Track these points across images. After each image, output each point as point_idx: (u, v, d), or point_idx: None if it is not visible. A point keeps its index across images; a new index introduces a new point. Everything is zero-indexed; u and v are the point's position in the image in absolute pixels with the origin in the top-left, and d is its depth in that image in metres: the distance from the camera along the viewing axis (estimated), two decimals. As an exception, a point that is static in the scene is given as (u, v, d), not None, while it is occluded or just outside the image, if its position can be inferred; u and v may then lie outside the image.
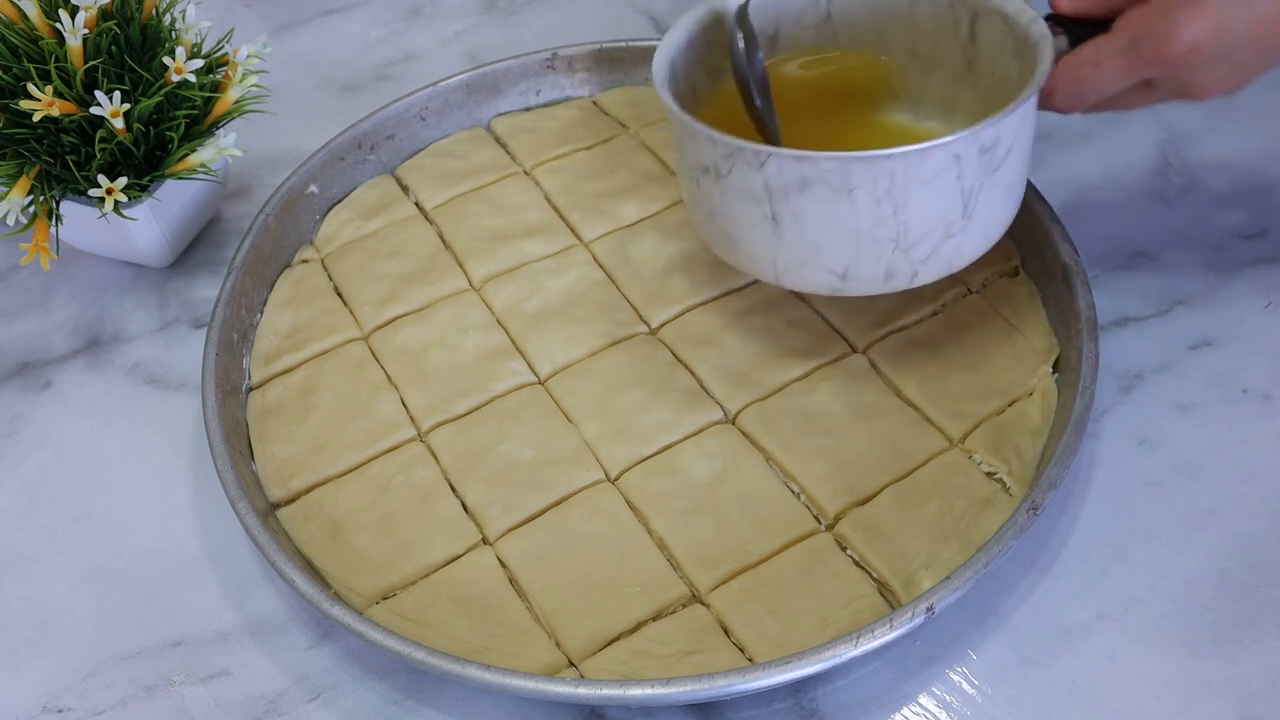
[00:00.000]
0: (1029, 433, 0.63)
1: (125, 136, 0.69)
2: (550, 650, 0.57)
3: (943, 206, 0.58)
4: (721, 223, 0.61)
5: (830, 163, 0.55)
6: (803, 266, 0.60)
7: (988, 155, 0.57)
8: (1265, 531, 0.61)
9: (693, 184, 0.62)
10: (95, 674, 0.61)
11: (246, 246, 0.73)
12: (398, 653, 0.55)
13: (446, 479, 0.64)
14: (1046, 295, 0.69)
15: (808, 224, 0.58)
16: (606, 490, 0.63)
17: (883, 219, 0.57)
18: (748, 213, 0.59)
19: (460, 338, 0.70)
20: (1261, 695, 0.55)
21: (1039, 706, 0.56)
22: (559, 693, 0.53)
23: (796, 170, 0.56)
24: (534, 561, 0.60)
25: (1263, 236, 0.74)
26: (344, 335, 0.72)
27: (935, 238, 0.58)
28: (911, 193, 0.56)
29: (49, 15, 0.69)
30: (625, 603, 0.58)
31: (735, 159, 0.57)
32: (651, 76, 0.62)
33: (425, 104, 0.82)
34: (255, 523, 0.60)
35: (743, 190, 0.58)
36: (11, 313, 0.78)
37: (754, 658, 0.56)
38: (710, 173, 0.59)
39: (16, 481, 0.69)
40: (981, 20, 0.64)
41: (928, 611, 0.54)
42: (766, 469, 0.63)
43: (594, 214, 0.76)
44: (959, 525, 0.60)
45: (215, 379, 0.67)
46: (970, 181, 0.57)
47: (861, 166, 0.55)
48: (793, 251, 0.59)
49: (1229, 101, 0.81)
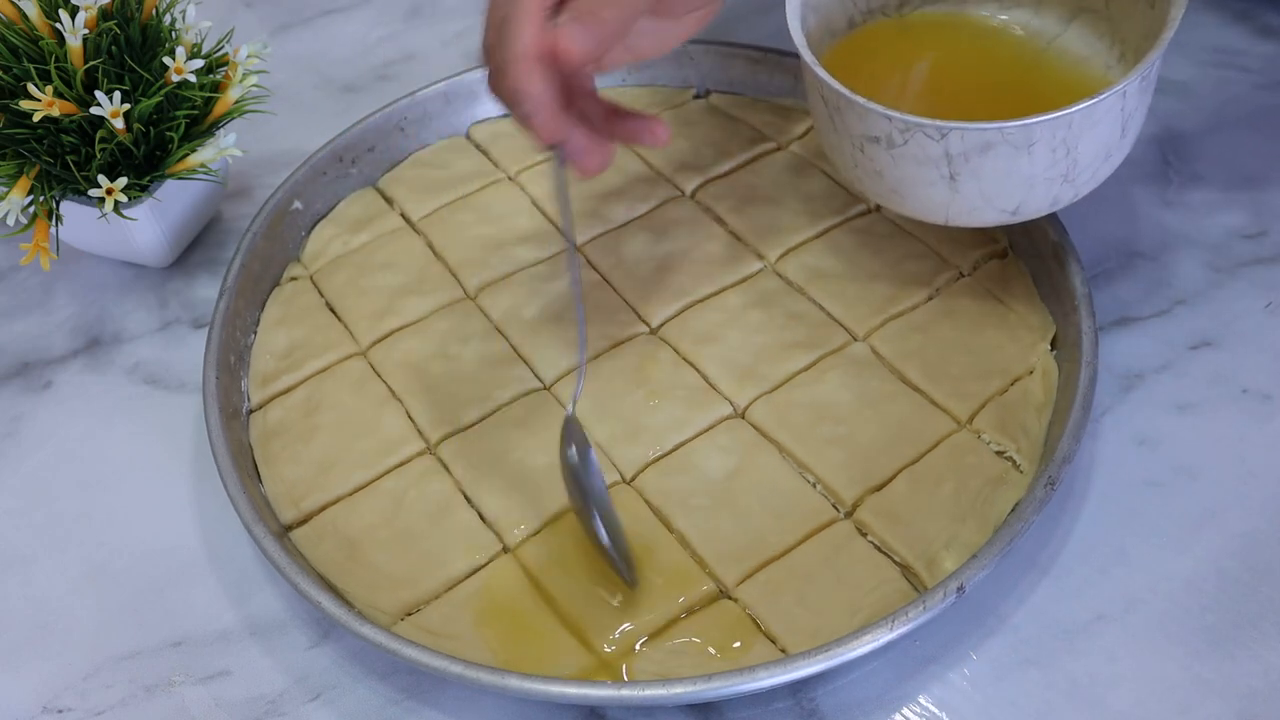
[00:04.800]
0: (1034, 409, 0.64)
1: (125, 136, 0.69)
2: (582, 654, 0.57)
3: (1107, 136, 0.61)
4: (891, 182, 0.63)
5: (1014, 128, 0.57)
6: (975, 211, 0.63)
7: (1146, 81, 0.60)
8: (1265, 531, 0.61)
9: (854, 149, 0.63)
10: (95, 674, 0.61)
11: (236, 267, 0.72)
12: (411, 659, 0.54)
13: (461, 490, 0.64)
14: (1038, 274, 0.70)
15: (986, 179, 0.60)
16: (623, 491, 0.63)
17: (1056, 162, 0.60)
18: (923, 174, 0.61)
19: (461, 348, 0.70)
20: (1261, 695, 0.55)
21: (1039, 706, 0.56)
22: (564, 694, 0.53)
23: (980, 138, 0.58)
24: (557, 567, 0.60)
25: (1263, 236, 0.74)
26: (341, 351, 0.71)
27: (1098, 163, 0.62)
28: (1084, 134, 0.59)
29: (49, 15, 0.69)
30: (653, 602, 0.58)
31: (913, 132, 0.59)
32: (796, 46, 0.63)
33: (404, 115, 0.82)
34: (273, 546, 0.59)
35: (920, 157, 0.60)
36: (11, 313, 0.78)
37: (787, 649, 0.56)
38: (881, 142, 0.61)
39: (16, 481, 0.69)
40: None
41: (959, 591, 0.54)
42: (781, 461, 0.64)
43: (583, 217, 0.76)
44: (975, 504, 0.60)
45: (217, 402, 0.66)
46: (1131, 107, 0.60)
47: (1043, 127, 0.58)
48: (968, 201, 0.62)
49: (1229, 101, 0.82)
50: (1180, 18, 0.59)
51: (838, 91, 0.60)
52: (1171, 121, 0.81)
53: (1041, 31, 0.71)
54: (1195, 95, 0.82)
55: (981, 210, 0.62)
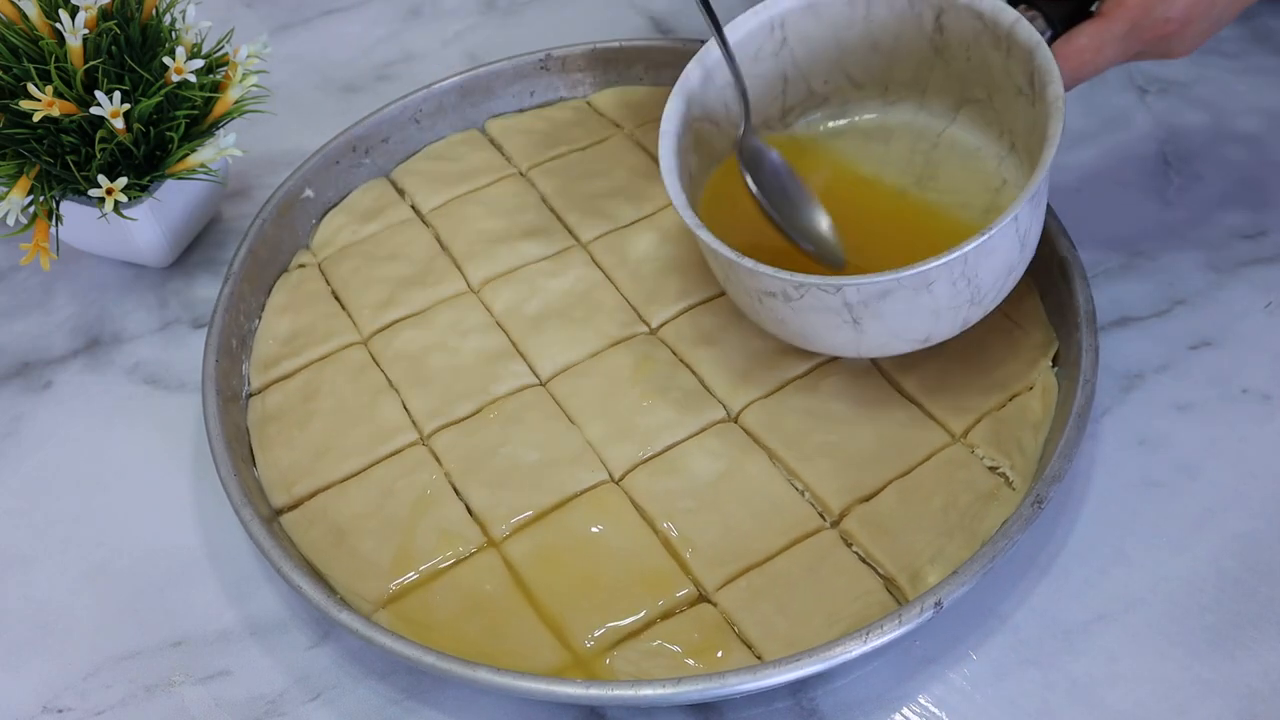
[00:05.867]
0: (1030, 426, 0.63)
1: (125, 136, 0.69)
2: (559, 651, 0.57)
3: (1007, 257, 0.59)
4: (796, 328, 0.62)
5: (910, 275, 0.56)
6: (886, 345, 0.62)
7: (1038, 198, 0.58)
8: (1265, 531, 0.61)
9: (753, 300, 0.62)
10: (95, 674, 0.61)
11: (244, 252, 0.73)
12: (408, 658, 0.55)
13: (450, 482, 0.64)
14: (1044, 290, 0.69)
15: (890, 319, 0.59)
16: (611, 491, 0.63)
17: (959, 292, 0.58)
18: (826, 321, 0.60)
19: (460, 340, 0.70)
20: (1261, 695, 0.55)
21: (1039, 707, 0.56)
22: (564, 694, 0.53)
23: (876, 289, 0.57)
24: (540, 563, 0.60)
25: (1263, 236, 0.74)
26: (343, 340, 0.72)
27: (1001, 280, 0.60)
28: (982, 263, 0.58)
29: (49, 15, 0.69)
30: (632, 602, 0.59)
31: (807, 289, 0.58)
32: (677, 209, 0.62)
33: (420, 106, 0.82)
34: (260, 529, 0.60)
35: (818, 308, 0.59)
36: (11, 313, 0.78)
37: (762, 655, 0.56)
38: (778, 297, 0.59)
39: (16, 481, 0.69)
40: (948, 14, 0.65)
41: (936, 606, 0.54)
42: (770, 467, 0.63)
43: (591, 215, 0.76)
44: (963, 520, 0.60)
45: (215, 385, 0.67)
46: (1024, 225, 0.59)
47: (939, 269, 0.56)
48: (876, 339, 0.61)
49: (1229, 101, 0.82)
50: (1060, 133, 0.57)
51: (725, 256, 0.59)
52: (1171, 121, 0.81)
53: (929, 126, 0.70)
54: (1195, 95, 0.82)
55: (893, 343, 0.62)
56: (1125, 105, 0.82)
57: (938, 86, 0.68)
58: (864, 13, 0.67)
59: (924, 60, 0.67)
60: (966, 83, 0.66)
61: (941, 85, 0.68)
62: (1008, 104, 0.65)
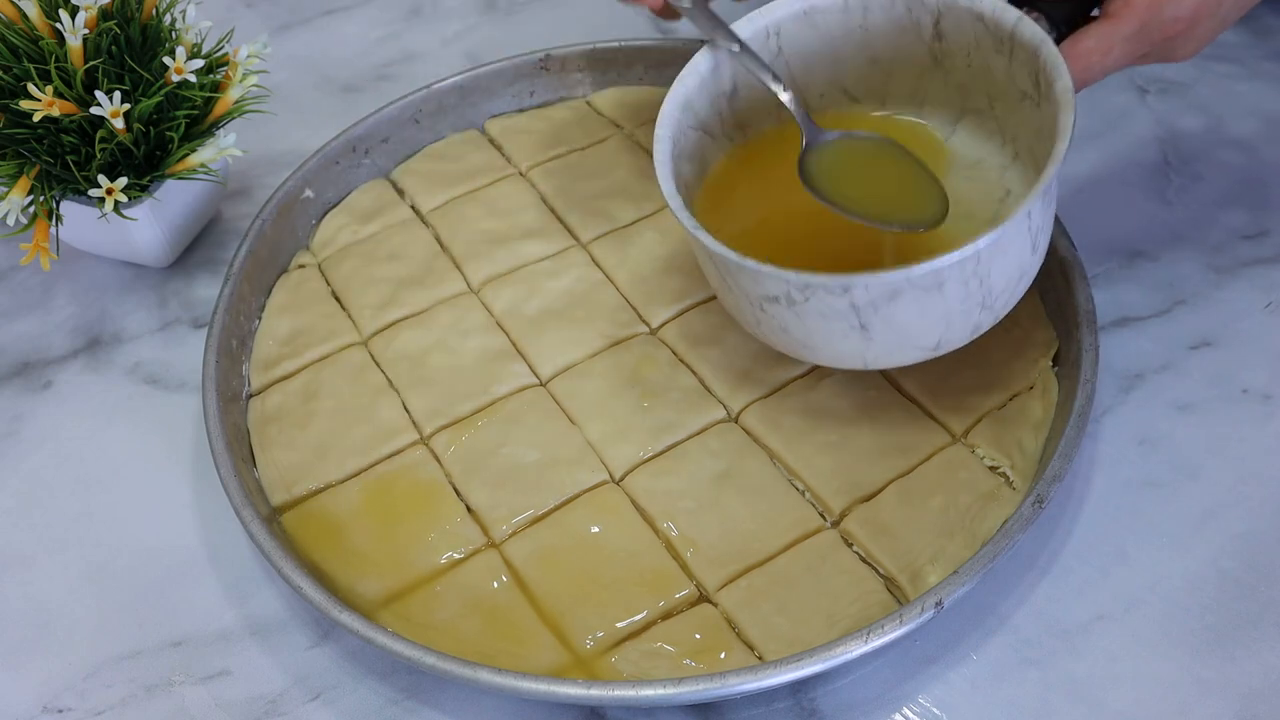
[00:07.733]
0: (1030, 426, 0.63)
1: (125, 136, 0.69)
2: (559, 651, 0.57)
3: (1019, 258, 0.58)
4: (799, 337, 0.59)
5: (921, 273, 0.54)
6: (894, 353, 0.59)
7: (1048, 195, 0.57)
8: (1265, 531, 0.61)
9: (754, 309, 0.59)
10: (95, 674, 0.61)
11: (243, 252, 0.73)
12: (408, 658, 0.55)
13: (450, 482, 0.64)
14: (1044, 290, 0.69)
15: (899, 323, 0.57)
16: (611, 491, 0.63)
17: (970, 294, 0.57)
18: (832, 327, 0.57)
19: (460, 341, 0.70)
20: (1261, 695, 0.55)
21: (1039, 707, 0.56)
22: (564, 694, 0.53)
23: (886, 288, 0.55)
24: (540, 563, 0.60)
25: (1263, 236, 0.74)
26: (343, 340, 0.72)
27: (1013, 284, 0.59)
28: (995, 263, 0.56)
29: (49, 15, 0.69)
30: (633, 603, 0.59)
31: (813, 289, 0.55)
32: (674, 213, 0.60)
33: (419, 106, 0.82)
34: (260, 529, 0.60)
35: (825, 312, 0.56)
36: (11, 313, 0.78)
37: (763, 655, 0.56)
38: (781, 301, 0.57)
39: (16, 481, 0.69)
40: (947, 19, 0.64)
41: (937, 606, 0.54)
42: (771, 467, 0.63)
43: (590, 215, 0.76)
44: (964, 520, 0.60)
45: (216, 385, 0.67)
46: (1036, 223, 0.58)
47: (951, 268, 0.54)
48: (884, 346, 0.58)
49: (1228, 101, 0.82)
50: (1072, 126, 0.56)
51: (726, 258, 0.57)
52: (1172, 121, 0.81)
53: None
54: (1195, 95, 0.82)
55: (901, 352, 0.59)
56: (1126, 105, 0.82)
57: (936, 98, 0.67)
58: (860, 20, 0.66)
59: (923, 71, 0.67)
60: (966, 92, 0.66)
61: (940, 96, 0.67)
62: (1010, 110, 0.64)
